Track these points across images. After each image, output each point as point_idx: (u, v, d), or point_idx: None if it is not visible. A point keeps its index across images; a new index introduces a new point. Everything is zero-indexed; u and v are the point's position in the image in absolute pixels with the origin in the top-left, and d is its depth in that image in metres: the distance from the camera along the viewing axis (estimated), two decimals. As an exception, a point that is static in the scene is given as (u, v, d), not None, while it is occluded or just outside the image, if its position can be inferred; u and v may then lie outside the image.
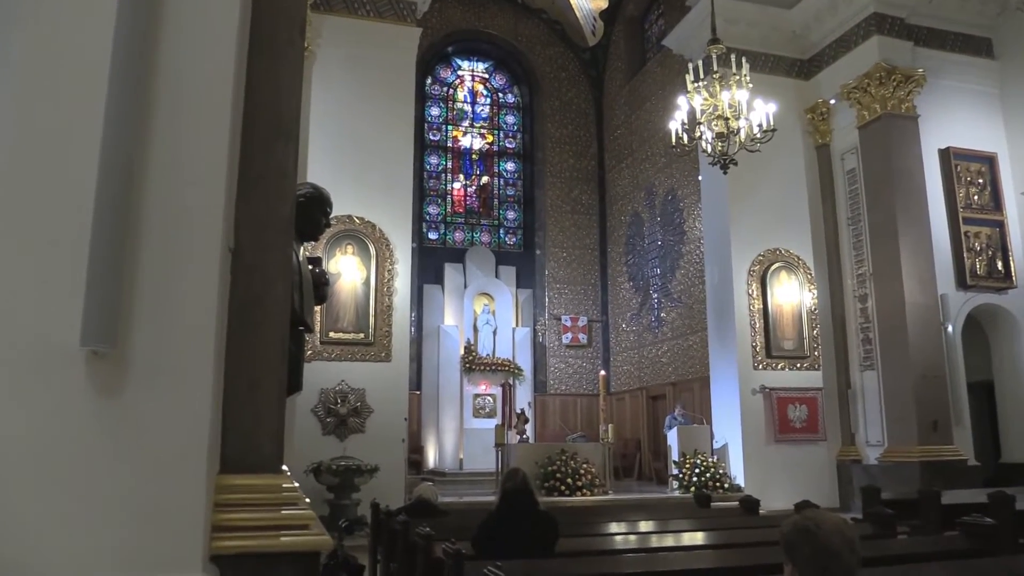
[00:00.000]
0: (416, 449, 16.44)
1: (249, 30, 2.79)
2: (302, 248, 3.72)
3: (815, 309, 13.57)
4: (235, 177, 2.66)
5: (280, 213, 2.76)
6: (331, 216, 3.97)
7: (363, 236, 12.31)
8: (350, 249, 12.25)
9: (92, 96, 2.38)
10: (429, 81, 20.77)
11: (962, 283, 12.71)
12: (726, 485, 12.34)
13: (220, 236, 2.49)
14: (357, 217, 12.29)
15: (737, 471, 12.72)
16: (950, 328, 12.43)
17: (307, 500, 2.70)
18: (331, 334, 11.96)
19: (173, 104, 2.51)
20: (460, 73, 21.46)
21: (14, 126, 2.37)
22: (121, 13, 2.41)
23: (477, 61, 21.60)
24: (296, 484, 2.70)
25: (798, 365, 13.31)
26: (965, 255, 12.75)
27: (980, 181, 13.21)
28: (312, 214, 3.70)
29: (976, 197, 13.13)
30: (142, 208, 2.41)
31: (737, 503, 7.55)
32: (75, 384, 2.28)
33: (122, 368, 2.33)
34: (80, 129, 2.37)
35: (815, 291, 13.63)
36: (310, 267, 3.73)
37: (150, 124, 2.46)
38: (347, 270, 12.17)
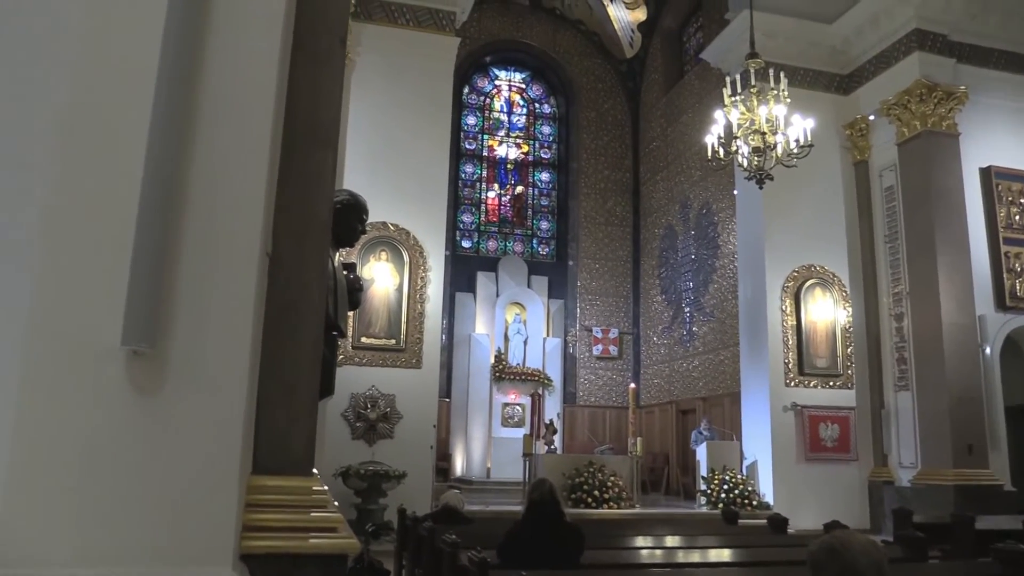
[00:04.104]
0: (444, 456, 16.47)
1: (292, 39, 2.84)
2: (337, 254, 3.77)
3: (849, 327, 13.41)
4: (274, 183, 2.70)
5: (318, 219, 2.80)
6: (367, 223, 4.02)
7: (397, 243, 12.40)
8: (384, 255, 12.34)
9: (138, 101, 2.44)
10: (466, 90, 20.89)
11: (1001, 304, 12.47)
12: (755, 502, 12.21)
13: (258, 241, 2.54)
14: (392, 224, 12.38)
15: (766, 489, 12.58)
16: (988, 350, 12.21)
17: (336, 503, 2.73)
18: (363, 339, 12.04)
19: (216, 110, 2.56)
20: (497, 83, 21.55)
21: (61, 128, 2.44)
22: (169, 22, 2.47)
23: (514, 71, 21.67)
24: (326, 487, 2.73)
25: (831, 383, 13.16)
26: (1005, 276, 12.52)
27: (1022, 201, 12.98)
28: (349, 221, 3.76)
29: (1017, 217, 12.89)
30: (184, 212, 2.46)
31: (765, 521, 7.48)
32: (115, 382, 2.33)
33: (160, 368, 2.37)
34: (126, 133, 2.43)
35: (850, 309, 13.47)
36: (344, 272, 3.78)
37: (193, 130, 2.51)
38: (380, 276, 12.26)
